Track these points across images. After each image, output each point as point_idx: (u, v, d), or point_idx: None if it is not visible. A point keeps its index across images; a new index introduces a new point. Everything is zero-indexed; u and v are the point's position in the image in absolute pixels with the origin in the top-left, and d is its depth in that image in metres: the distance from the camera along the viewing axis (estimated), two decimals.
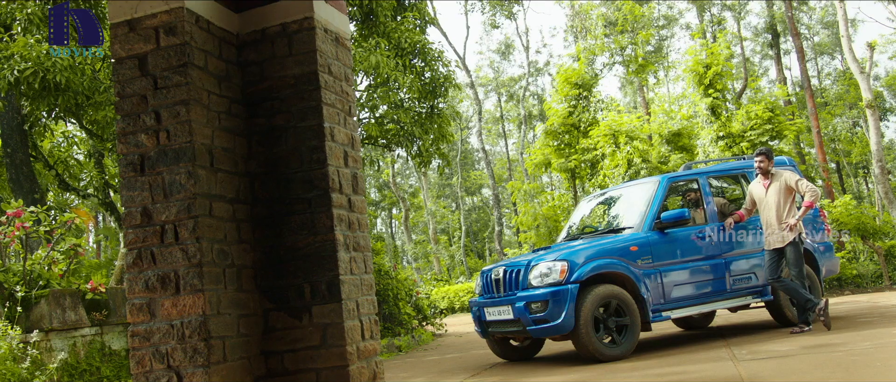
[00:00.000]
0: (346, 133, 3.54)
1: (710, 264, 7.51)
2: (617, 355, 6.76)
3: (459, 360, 8.96)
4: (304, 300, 3.27)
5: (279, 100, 3.42)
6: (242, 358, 3.16)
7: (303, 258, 3.30)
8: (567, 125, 17.76)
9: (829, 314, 7.17)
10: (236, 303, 3.18)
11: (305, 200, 3.32)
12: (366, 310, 3.44)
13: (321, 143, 3.33)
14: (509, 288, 7.20)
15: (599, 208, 8.98)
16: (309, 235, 3.30)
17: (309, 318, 3.26)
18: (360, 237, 3.50)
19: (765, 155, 7.46)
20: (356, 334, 3.29)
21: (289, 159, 3.37)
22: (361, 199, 3.57)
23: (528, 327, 6.85)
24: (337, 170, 3.38)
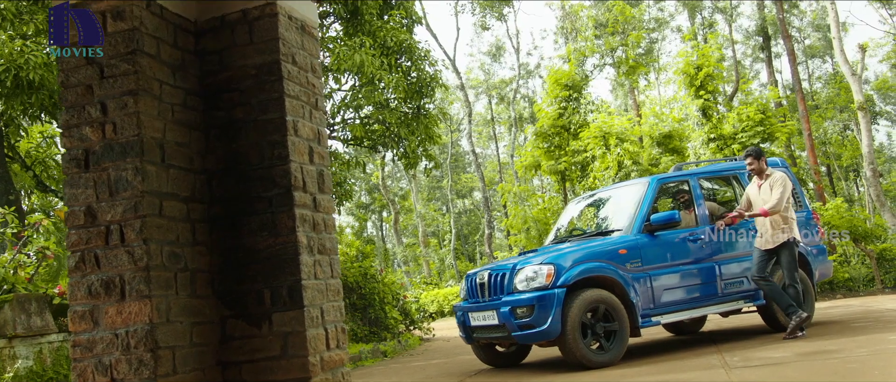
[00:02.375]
0: (312, 127, 3.31)
1: (702, 267, 7.30)
2: (605, 361, 6.54)
3: (445, 366, 8.72)
4: (263, 306, 3.03)
5: (239, 92, 3.18)
6: (195, 370, 2.91)
7: (263, 261, 3.06)
8: (557, 127, 17.57)
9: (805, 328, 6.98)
10: (189, 310, 2.93)
11: (266, 199, 3.08)
12: (332, 318, 3.20)
13: (283, 138, 3.09)
14: (494, 293, 6.97)
15: (588, 210, 8.77)
16: (269, 237, 3.06)
17: (268, 326, 3.02)
18: (326, 239, 3.26)
19: (752, 156, 7.24)
20: (320, 343, 3.05)
21: (249, 155, 3.14)
22: (328, 199, 3.34)
23: (514, 333, 6.62)
24: (300, 167, 3.15)
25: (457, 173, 42.62)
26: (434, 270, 31.79)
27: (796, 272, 7.00)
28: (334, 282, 3.26)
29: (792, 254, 6.96)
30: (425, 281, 25.36)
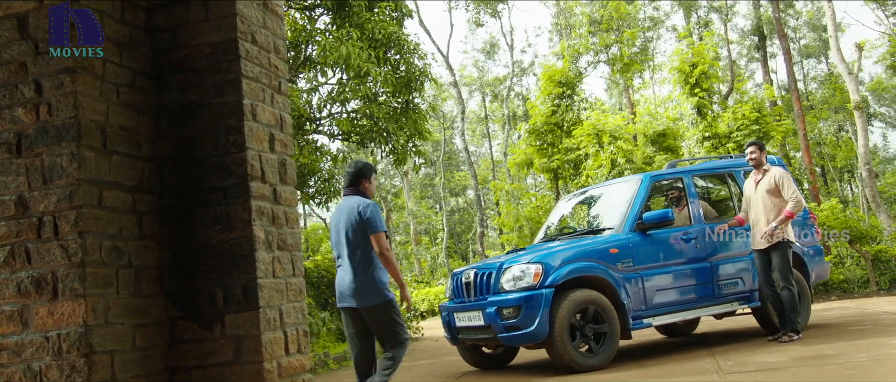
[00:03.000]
0: (274, 113, 3.04)
1: (695, 268, 7.06)
2: (594, 365, 6.29)
3: (430, 367, 8.46)
4: (216, 307, 2.77)
5: (193, 73, 2.92)
6: (139, 376, 2.65)
7: (216, 257, 2.80)
8: (550, 124, 17.30)
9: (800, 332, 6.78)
10: (133, 311, 2.67)
11: (220, 189, 2.82)
12: (292, 320, 2.94)
13: (239, 123, 2.83)
14: (480, 293, 6.71)
15: (580, 208, 8.52)
16: (223, 231, 2.80)
17: (221, 329, 2.76)
18: (288, 234, 3.00)
19: (756, 146, 7.02)
20: (277, 348, 2.79)
21: (203, 141, 2.87)
22: (291, 190, 3.07)
23: (500, 334, 6.36)
24: (259, 155, 2.88)
25: (450, 171, 42.34)
26: (426, 268, 31.54)
27: (791, 274, 6.77)
28: (296, 281, 3.00)
29: (786, 255, 6.72)
30: (416, 279, 25.11)
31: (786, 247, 6.72)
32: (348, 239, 4.51)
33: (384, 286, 4.48)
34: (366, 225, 4.46)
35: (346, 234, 4.53)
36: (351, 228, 4.51)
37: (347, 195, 4.73)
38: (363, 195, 4.69)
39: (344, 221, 4.58)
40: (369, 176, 4.75)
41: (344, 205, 4.67)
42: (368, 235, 4.46)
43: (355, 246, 4.49)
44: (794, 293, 6.70)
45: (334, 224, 4.74)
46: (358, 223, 4.49)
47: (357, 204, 4.55)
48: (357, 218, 4.49)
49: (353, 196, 4.67)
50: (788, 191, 6.74)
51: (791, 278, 6.72)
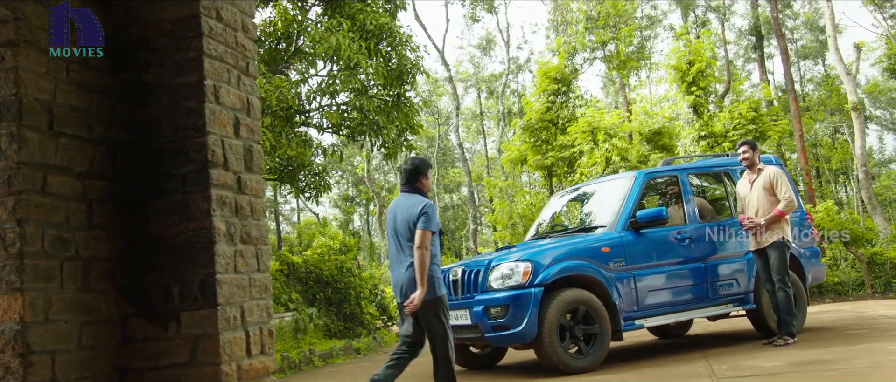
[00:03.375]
0: (240, 95, 2.83)
1: (689, 268, 6.87)
2: (583, 367, 6.09)
3: (416, 366, 8.23)
4: (171, 303, 2.56)
5: (153, 51, 2.70)
6: (84, 378, 2.43)
7: (172, 250, 2.58)
8: (545, 121, 17.10)
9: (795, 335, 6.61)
10: (79, 307, 2.45)
11: (178, 177, 2.61)
12: (256, 319, 2.73)
13: (200, 105, 2.62)
14: (467, 290, 6.51)
15: (572, 205, 8.32)
16: (181, 221, 2.58)
17: (176, 327, 2.54)
18: (253, 226, 2.79)
19: (749, 145, 6.86)
20: (237, 349, 2.58)
21: (161, 124, 2.66)
22: (257, 180, 2.86)
23: (487, 334, 6.16)
24: (221, 140, 2.67)
25: (444, 167, 42.13)
26: None
27: (787, 275, 6.59)
28: (261, 277, 2.79)
29: (782, 256, 6.54)
30: None
31: (783, 247, 6.54)
32: (405, 235, 4.62)
33: (437, 284, 4.56)
34: (419, 221, 4.54)
35: (403, 231, 4.63)
36: (408, 225, 4.60)
37: (404, 192, 4.80)
38: (420, 192, 4.76)
39: (401, 218, 4.68)
40: (426, 172, 4.82)
41: (401, 202, 4.76)
42: None
43: (407, 243, 4.59)
44: (790, 295, 6.53)
45: (390, 220, 4.83)
46: (415, 220, 4.56)
47: (415, 202, 4.63)
48: (414, 216, 4.57)
49: (411, 193, 4.74)
50: (782, 190, 6.56)
51: (787, 279, 6.54)
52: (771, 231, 6.56)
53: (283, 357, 8.94)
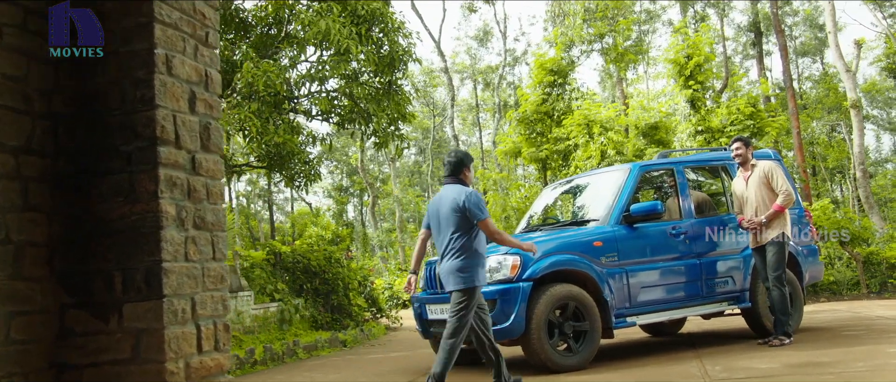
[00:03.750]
0: (196, 67, 2.58)
1: (684, 265, 6.65)
2: (572, 365, 5.88)
3: (403, 361, 8.04)
4: (114, 294, 2.32)
5: (99, 15, 2.44)
6: (13, 375, 2.19)
7: (116, 234, 2.34)
8: (540, 113, 16.84)
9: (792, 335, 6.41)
10: (9, 296, 2.21)
11: (124, 154, 2.36)
12: (209, 311, 2.49)
13: (149, 76, 2.37)
14: None
15: (565, 197, 8.09)
16: (126, 203, 2.34)
17: (118, 320, 2.31)
18: (209, 210, 2.55)
19: (742, 142, 6.65)
20: (186, 345, 2.34)
21: (107, 96, 2.41)
22: (215, 160, 2.62)
23: None
24: (173, 115, 2.42)
25: (439, 159, 41.92)
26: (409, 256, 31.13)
27: (783, 273, 6.37)
28: (216, 266, 2.55)
29: (780, 253, 6.33)
30: (400, 267, 24.69)
31: (782, 244, 6.33)
32: (450, 224, 4.80)
33: (475, 275, 4.78)
34: (469, 214, 4.74)
35: (448, 219, 4.81)
36: (452, 216, 4.79)
37: (447, 183, 4.99)
38: (462, 183, 4.95)
39: (445, 209, 4.85)
40: (469, 164, 5.01)
41: (445, 194, 4.93)
42: (468, 222, 4.77)
43: (454, 232, 4.77)
44: (786, 294, 6.32)
45: (433, 211, 5.03)
46: (460, 211, 4.75)
47: (459, 193, 4.80)
48: (459, 207, 4.74)
49: (454, 184, 4.92)
50: (778, 184, 6.35)
51: (783, 277, 6.33)
52: (771, 227, 6.35)
53: (266, 349, 8.71)
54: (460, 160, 4.98)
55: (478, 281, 4.78)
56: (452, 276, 4.78)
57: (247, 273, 10.94)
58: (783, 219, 6.37)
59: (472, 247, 4.79)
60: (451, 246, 4.78)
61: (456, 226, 4.77)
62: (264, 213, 41.75)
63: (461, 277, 4.74)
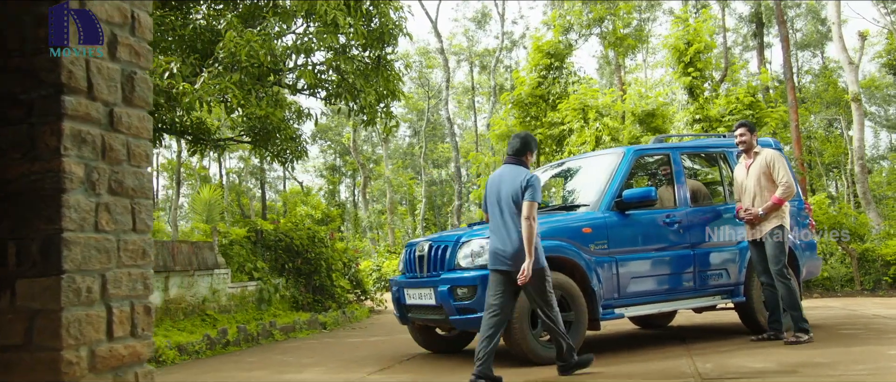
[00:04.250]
0: (120, 7, 2.20)
1: (677, 255, 6.33)
2: (553, 358, 5.55)
3: (381, 346, 7.73)
4: (5, 267, 1.96)
5: None
6: None
7: (13, 197, 1.98)
8: (535, 96, 16.47)
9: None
10: None
11: (24, 103, 2.00)
12: (125, 291, 2.13)
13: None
14: (434, 268, 5.95)
15: (555, 181, 7.75)
16: (25, 161, 1.97)
17: (10, 298, 1.95)
18: (129, 173, 2.18)
19: (746, 127, 6.30)
20: (91, 330, 1.99)
21: (5, 34, 2.04)
22: (141, 116, 2.25)
23: (451, 316, 5.61)
24: (86, 61, 2.05)
25: (434, 142, 41.49)
26: (400, 238, 30.80)
27: (786, 266, 6.05)
28: (136, 239, 2.19)
29: (780, 245, 6.01)
30: (389, 249, 24.38)
31: (782, 236, 6.01)
32: (508, 205, 4.84)
33: (540, 253, 4.78)
34: (525, 193, 4.76)
35: (507, 201, 4.85)
36: (512, 195, 4.82)
37: (509, 164, 5.05)
38: (524, 165, 5.02)
39: (505, 188, 4.89)
40: (533, 149, 5.11)
41: (505, 173, 4.99)
42: None
43: (514, 212, 4.80)
44: (792, 287, 6.00)
45: (492, 189, 5.03)
46: (517, 194, 4.79)
47: (520, 174, 4.86)
48: (519, 187, 4.79)
49: (516, 165, 4.99)
50: (780, 175, 6.01)
51: (786, 270, 6.02)
52: (769, 219, 6.04)
53: (240, 329, 8.39)
54: (526, 143, 5.05)
55: (542, 261, 4.81)
56: (514, 259, 4.77)
57: (226, 250, 10.60)
58: (782, 212, 6.05)
59: None
60: (510, 226, 4.80)
61: (514, 208, 4.81)
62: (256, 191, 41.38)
63: (534, 257, 4.72)
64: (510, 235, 4.80)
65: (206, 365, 6.80)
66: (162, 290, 8.55)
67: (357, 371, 5.84)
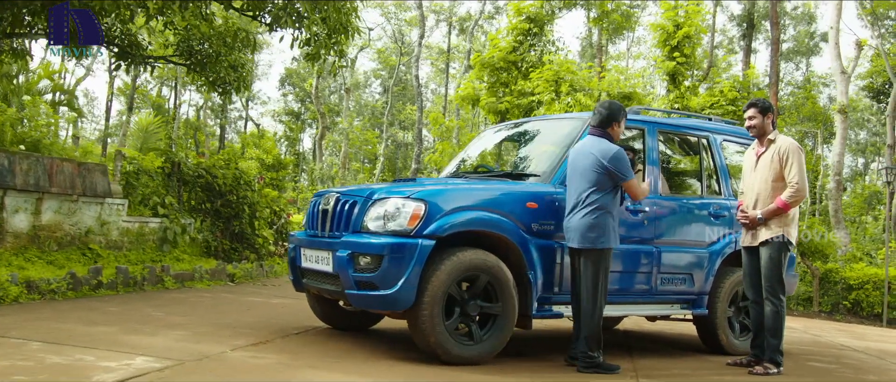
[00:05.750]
0: None
1: (636, 250, 5.23)
2: (469, 357, 4.43)
3: (281, 310, 6.55)
4: None
5: None
6: None
7: None
8: (508, 62, 15.23)
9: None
10: None
11: None
12: None
13: None
14: (337, 227, 4.75)
15: (508, 144, 6.55)
16: None
17: None
18: None
19: (756, 107, 5.13)
20: None
21: None
22: None
23: (347, 290, 4.43)
24: None
25: (402, 102, 40.08)
26: None
27: (781, 285, 4.96)
28: None
29: (778, 259, 4.92)
30: None
31: (782, 249, 4.92)
32: (584, 181, 4.50)
33: (608, 235, 4.46)
34: (612, 174, 4.46)
35: (583, 176, 4.51)
36: (590, 172, 4.48)
37: (593, 135, 4.64)
38: (609, 138, 4.60)
39: (584, 162, 4.53)
40: (620, 119, 4.66)
41: (586, 146, 4.61)
42: (608, 181, 4.47)
43: (586, 189, 4.48)
44: (781, 311, 4.94)
45: (572, 162, 4.67)
46: (597, 168, 4.46)
47: (602, 150, 4.49)
48: (599, 164, 4.46)
49: (600, 138, 4.59)
50: (792, 172, 4.88)
51: (780, 290, 4.94)
52: (768, 226, 4.94)
53: (119, 271, 7.10)
54: (612, 112, 4.62)
55: (610, 242, 4.48)
56: (579, 234, 4.46)
57: (131, 179, 9.24)
58: (787, 217, 4.94)
59: (607, 207, 4.47)
60: (585, 201, 4.46)
61: (592, 183, 4.46)
62: (216, 129, 39.61)
63: (590, 237, 4.42)
64: (579, 213, 4.47)
65: (45, 310, 5.53)
66: (31, 213, 7.21)
67: (224, 341, 4.64)
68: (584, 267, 4.49)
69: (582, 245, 4.45)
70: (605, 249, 4.46)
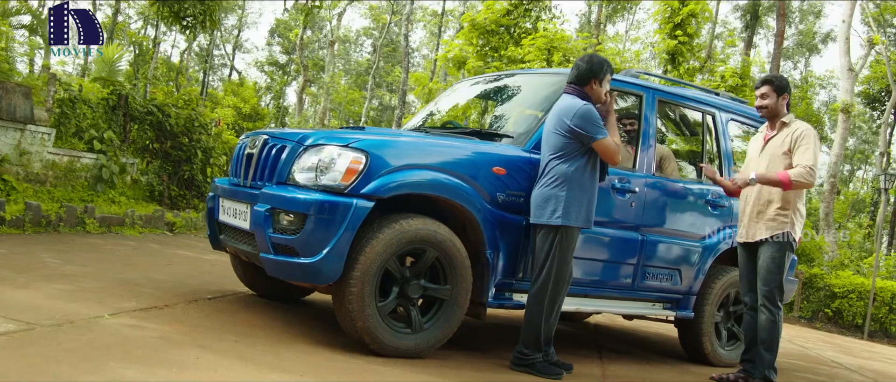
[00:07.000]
0: None
1: (619, 237, 4.43)
2: (405, 348, 3.62)
3: (206, 268, 5.70)
4: None
5: None
6: None
7: None
8: (500, 25, 14.31)
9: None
10: None
11: None
12: None
13: None
14: (261, 175, 3.87)
15: (482, 100, 5.68)
16: None
17: None
18: None
19: (770, 84, 4.34)
20: None
21: None
22: None
23: (263, 253, 3.58)
24: None
25: (391, 63, 38.95)
26: None
27: (779, 290, 4.20)
28: None
29: (780, 260, 4.17)
30: None
31: (785, 247, 4.16)
32: (547, 147, 3.84)
33: (564, 211, 3.69)
34: (578, 135, 3.71)
35: (546, 142, 3.86)
36: (550, 134, 3.82)
37: (565, 93, 3.90)
38: (585, 98, 3.82)
39: (548, 125, 3.88)
40: (602, 77, 3.87)
41: (556, 106, 3.89)
42: (574, 146, 3.74)
43: (548, 156, 3.82)
44: (778, 322, 4.20)
45: (546, 126, 3.93)
46: (560, 130, 3.76)
47: (565, 107, 3.79)
48: (561, 124, 3.76)
49: (571, 96, 3.84)
50: (806, 155, 4.09)
51: (778, 296, 4.19)
52: (773, 219, 4.16)
53: (29, 207, 6.20)
54: (593, 67, 3.83)
55: (571, 220, 3.70)
56: (534, 206, 3.80)
57: (66, 107, 8.26)
58: (791, 210, 4.16)
59: (570, 178, 3.72)
60: (544, 170, 3.80)
61: (555, 148, 3.77)
62: (199, 75, 38.40)
63: (545, 210, 3.72)
64: (539, 181, 3.83)
65: None
66: None
67: (108, 302, 3.79)
68: (538, 247, 3.77)
69: (535, 219, 3.78)
70: (561, 227, 3.69)
